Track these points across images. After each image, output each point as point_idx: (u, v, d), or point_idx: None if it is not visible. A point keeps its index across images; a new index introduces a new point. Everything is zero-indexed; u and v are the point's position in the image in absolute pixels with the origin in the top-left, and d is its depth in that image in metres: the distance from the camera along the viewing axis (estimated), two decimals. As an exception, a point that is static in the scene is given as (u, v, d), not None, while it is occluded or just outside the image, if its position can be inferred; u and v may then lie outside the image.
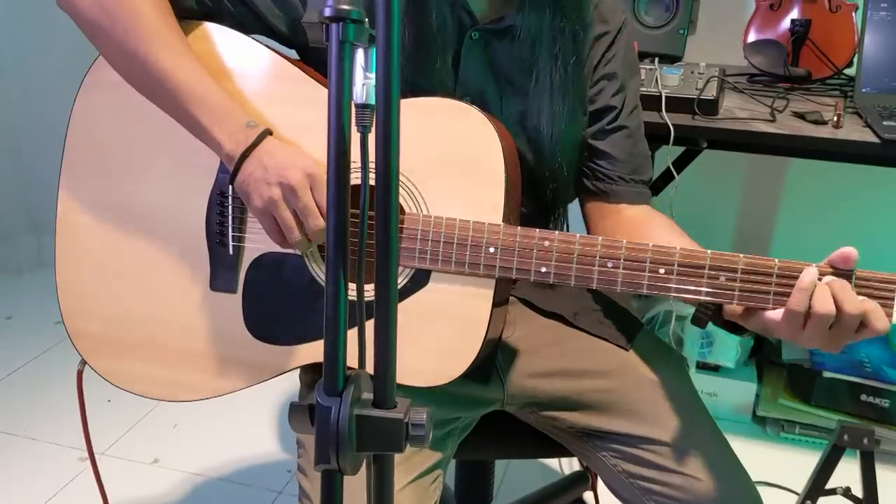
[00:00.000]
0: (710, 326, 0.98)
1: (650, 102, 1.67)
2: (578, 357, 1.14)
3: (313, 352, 1.06)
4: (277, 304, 1.06)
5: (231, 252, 1.07)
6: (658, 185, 1.85)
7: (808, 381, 2.13)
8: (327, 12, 0.60)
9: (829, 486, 1.47)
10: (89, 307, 1.13)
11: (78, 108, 1.12)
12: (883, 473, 2.02)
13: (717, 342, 2.22)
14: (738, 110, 1.72)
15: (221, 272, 1.08)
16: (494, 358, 1.12)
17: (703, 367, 2.24)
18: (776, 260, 0.90)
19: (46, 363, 2.40)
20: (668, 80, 1.69)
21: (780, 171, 2.29)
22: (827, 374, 2.11)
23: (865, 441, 1.44)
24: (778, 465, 2.04)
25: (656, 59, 1.79)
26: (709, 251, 0.92)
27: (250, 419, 2.19)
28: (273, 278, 1.06)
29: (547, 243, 0.96)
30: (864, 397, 2.09)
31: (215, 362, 1.09)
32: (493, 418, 1.19)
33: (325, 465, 0.63)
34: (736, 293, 0.91)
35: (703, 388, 2.23)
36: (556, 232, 0.97)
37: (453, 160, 0.99)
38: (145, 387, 1.13)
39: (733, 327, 0.97)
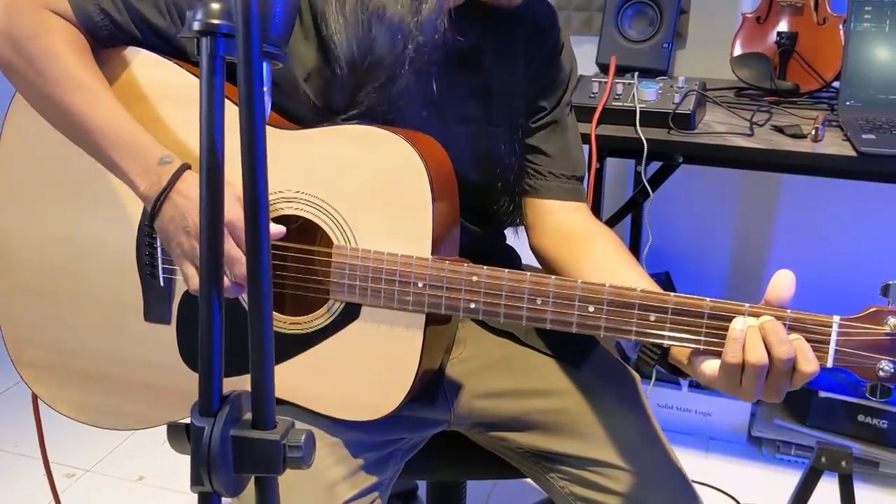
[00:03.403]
0: None
1: (625, 117, 1.65)
2: (527, 376, 1.12)
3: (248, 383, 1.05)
4: None
5: (162, 284, 1.05)
6: (637, 201, 1.82)
7: (805, 402, 2.08)
8: (196, 26, 0.59)
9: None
10: (31, 336, 1.12)
11: (7, 132, 1.10)
12: (882, 497, 1.96)
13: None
14: (718, 125, 1.69)
15: (154, 303, 1.06)
16: (441, 378, 1.10)
17: (697, 385, 2.19)
18: (708, 300, 0.86)
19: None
20: (645, 95, 1.67)
21: (775, 186, 2.24)
22: (823, 395, 2.05)
23: (843, 463, 1.40)
24: (773, 487, 1.99)
25: (636, 74, 1.76)
26: (639, 288, 0.88)
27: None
28: None
29: (475, 278, 0.93)
30: (861, 418, 2.03)
31: (154, 392, 1.08)
32: (445, 438, 1.17)
33: (199, 486, 0.61)
34: (666, 333, 0.87)
35: (697, 407, 2.19)
36: (485, 267, 0.94)
37: (380, 190, 0.97)
38: (89, 415, 1.12)
39: (680, 371, 0.93)
